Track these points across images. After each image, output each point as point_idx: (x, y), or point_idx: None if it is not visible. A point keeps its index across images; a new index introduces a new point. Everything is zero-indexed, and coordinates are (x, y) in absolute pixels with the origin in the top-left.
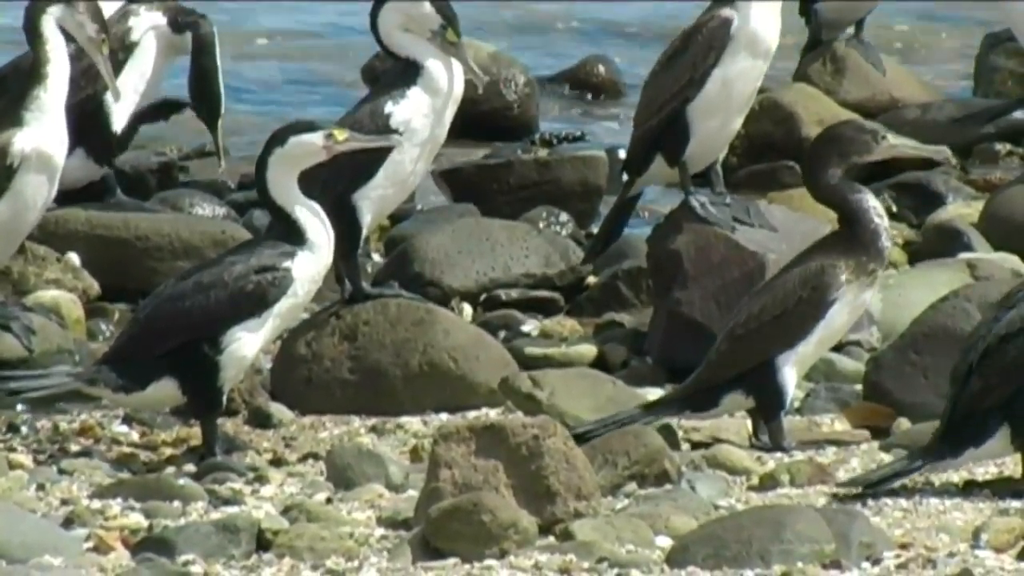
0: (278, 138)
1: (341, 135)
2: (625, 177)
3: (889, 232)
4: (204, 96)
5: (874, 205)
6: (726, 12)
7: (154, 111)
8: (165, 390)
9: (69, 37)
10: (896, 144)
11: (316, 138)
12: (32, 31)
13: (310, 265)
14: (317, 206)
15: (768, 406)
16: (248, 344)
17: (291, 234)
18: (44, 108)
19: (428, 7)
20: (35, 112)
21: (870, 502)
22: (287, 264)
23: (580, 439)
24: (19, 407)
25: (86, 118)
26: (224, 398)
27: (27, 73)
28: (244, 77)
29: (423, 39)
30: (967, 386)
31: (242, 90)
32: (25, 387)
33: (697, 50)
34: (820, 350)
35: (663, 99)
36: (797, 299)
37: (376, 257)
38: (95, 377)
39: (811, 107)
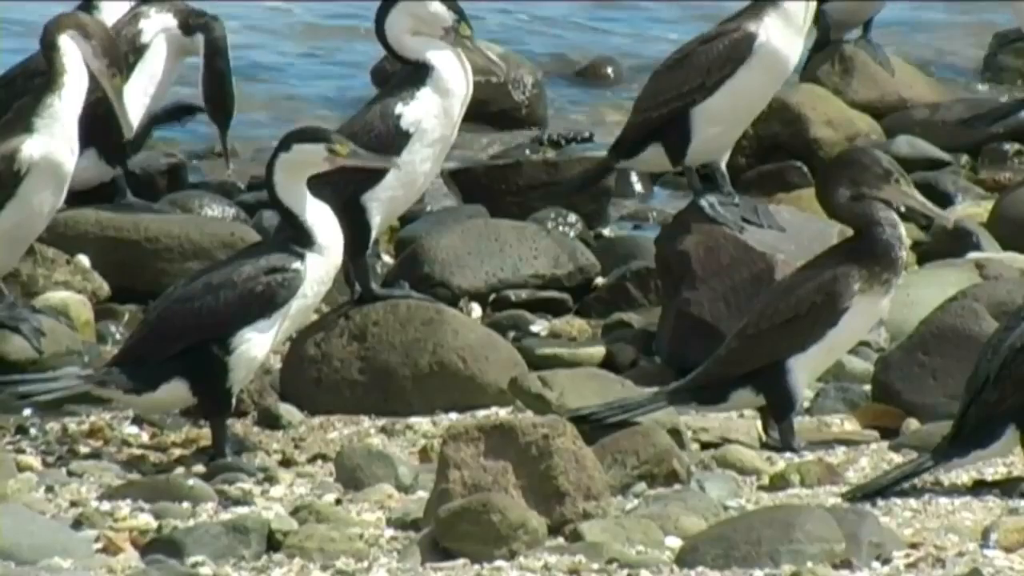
0: (284, 143)
1: (344, 150)
2: (612, 155)
3: (904, 240)
4: (217, 98)
5: (886, 216)
6: (752, 26)
7: (168, 115)
8: (175, 391)
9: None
10: (906, 192)
11: (319, 149)
12: (49, 44)
13: (319, 266)
14: (327, 208)
15: (779, 407)
16: (257, 345)
17: (300, 236)
18: (56, 116)
19: (437, 5)
20: (47, 119)
21: (880, 502)
22: (297, 265)
23: (583, 420)
24: (27, 411)
25: (97, 120)
26: (234, 399)
27: (37, 76)
28: (261, 67)
29: (432, 40)
30: (982, 394)
31: (257, 82)
32: (35, 390)
33: (715, 57)
34: (833, 356)
35: (669, 95)
36: (810, 305)
37: (386, 258)
38: (105, 379)
39: (820, 107)
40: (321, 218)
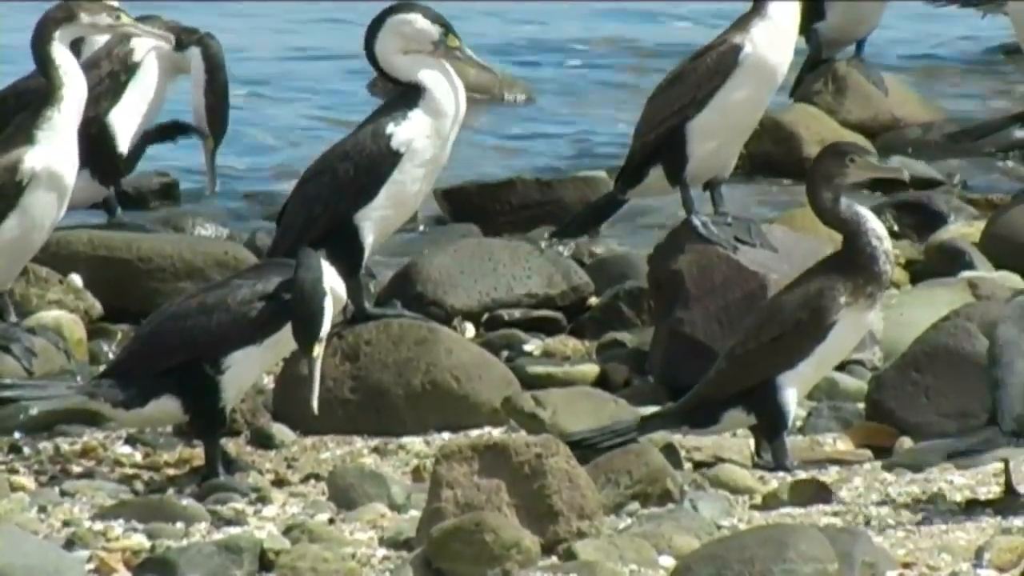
0: None
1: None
2: (618, 186)
3: (889, 254)
4: (216, 115)
5: (873, 227)
6: (738, 38)
7: (162, 133)
8: (164, 408)
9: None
10: (868, 166)
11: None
12: (41, 57)
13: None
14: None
15: (770, 425)
16: (249, 367)
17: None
18: (56, 128)
19: (423, 21)
20: (47, 132)
21: (873, 522)
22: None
23: (575, 446)
24: (17, 434)
25: (90, 139)
26: (226, 418)
27: (32, 94)
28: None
29: (423, 59)
30: None
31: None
32: (25, 396)
33: (703, 71)
34: (822, 371)
35: (664, 115)
36: (796, 321)
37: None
38: (95, 391)
39: (812, 127)
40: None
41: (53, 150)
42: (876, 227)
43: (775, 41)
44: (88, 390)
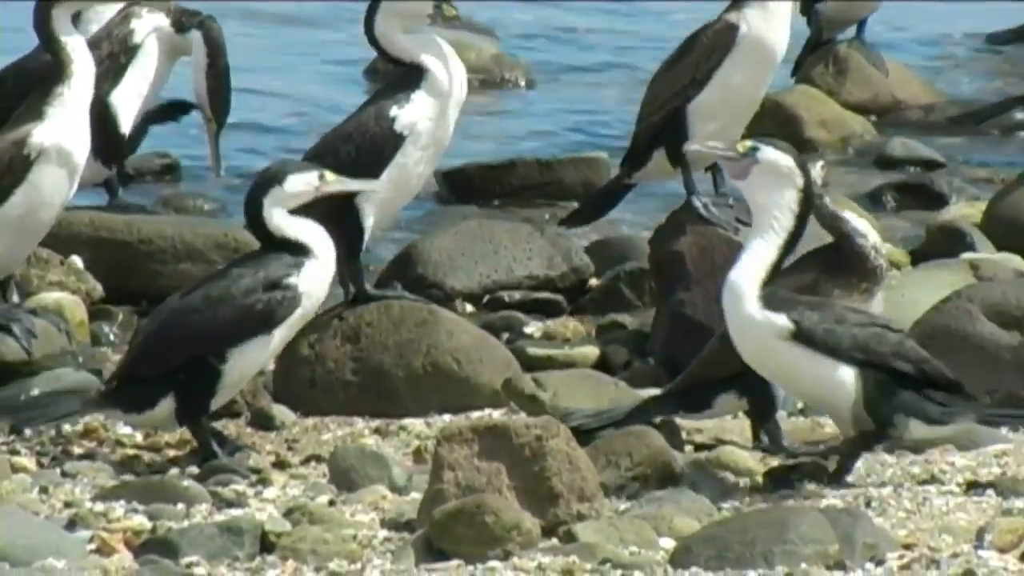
0: (275, 177)
1: (331, 177)
2: (624, 170)
3: (878, 247)
4: (219, 98)
5: (855, 227)
6: (733, 17)
7: (163, 113)
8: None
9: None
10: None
11: (311, 178)
12: (46, 36)
13: (317, 276)
14: (312, 222)
15: (761, 408)
16: (253, 358)
17: (297, 254)
18: (66, 105)
19: None
20: (56, 108)
21: (874, 503)
22: (295, 280)
23: (572, 432)
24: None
25: (92, 120)
26: (211, 405)
27: (32, 74)
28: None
29: (425, 40)
30: None
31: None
32: (34, 416)
33: (701, 51)
34: None
35: (665, 97)
36: None
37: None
38: (104, 403)
39: (814, 108)
40: (312, 232)
41: (62, 126)
42: (859, 226)
43: (770, 20)
44: (97, 403)
